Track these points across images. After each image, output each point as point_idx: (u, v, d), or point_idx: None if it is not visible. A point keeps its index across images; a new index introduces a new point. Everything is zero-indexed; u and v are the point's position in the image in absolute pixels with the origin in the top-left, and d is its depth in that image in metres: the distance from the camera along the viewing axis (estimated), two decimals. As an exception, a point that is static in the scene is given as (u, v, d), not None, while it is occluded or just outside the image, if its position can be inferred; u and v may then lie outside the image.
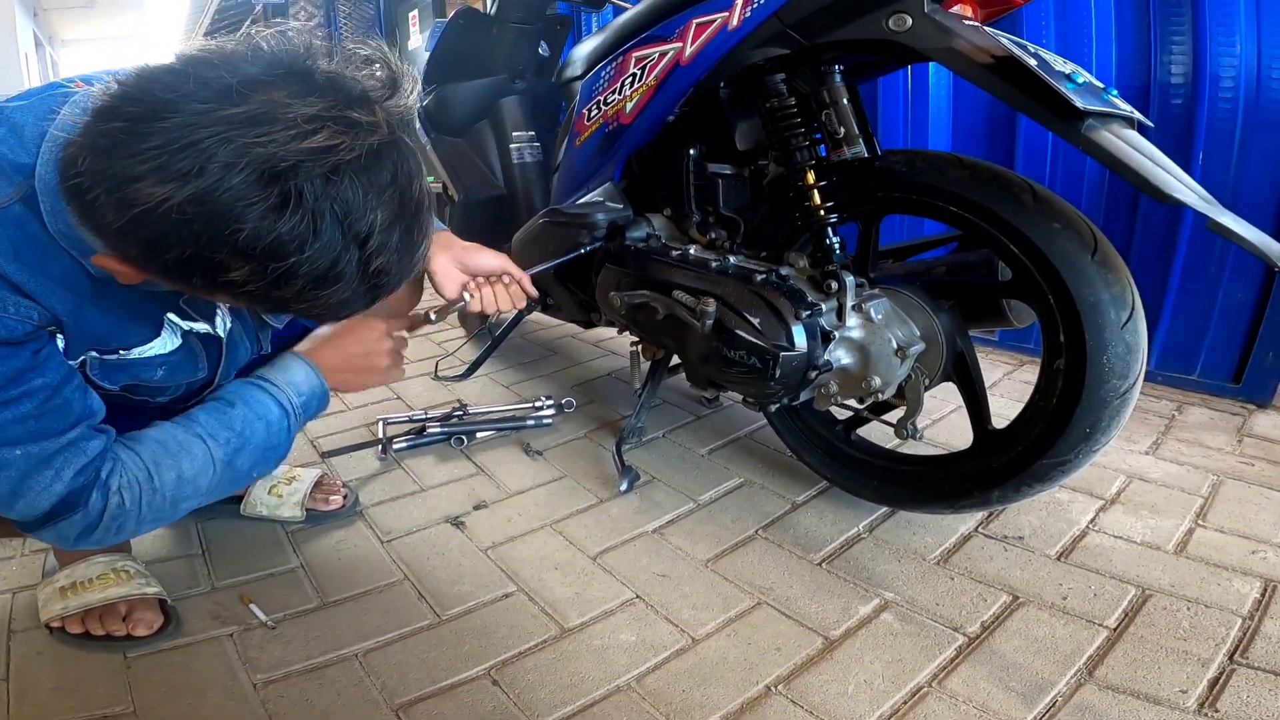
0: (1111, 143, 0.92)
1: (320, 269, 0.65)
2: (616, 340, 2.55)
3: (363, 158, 0.64)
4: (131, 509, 0.89)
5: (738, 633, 1.10)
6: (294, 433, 1.04)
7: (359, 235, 0.66)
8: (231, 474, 0.98)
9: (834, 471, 1.41)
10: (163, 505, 0.92)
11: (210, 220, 0.60)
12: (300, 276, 0.65)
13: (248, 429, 0.98)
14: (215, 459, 0.95)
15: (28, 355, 0.78)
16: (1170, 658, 1.02)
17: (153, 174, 0.59)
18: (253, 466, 1.00)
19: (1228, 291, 1.83)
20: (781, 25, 1.13)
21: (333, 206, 0.63)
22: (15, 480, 0.82)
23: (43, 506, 0.84)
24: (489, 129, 2.08)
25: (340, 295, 0.69)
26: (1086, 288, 1.03)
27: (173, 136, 0.58)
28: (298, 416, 1.03)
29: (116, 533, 0.90)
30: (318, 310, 0.72)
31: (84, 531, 0.87)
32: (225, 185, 0.59)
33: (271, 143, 0.59)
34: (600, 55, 1.52)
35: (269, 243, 0.62)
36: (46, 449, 0.82)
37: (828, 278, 1.18)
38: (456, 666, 1.04)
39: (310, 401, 1.05)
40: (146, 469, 0.90)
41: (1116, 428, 1.06)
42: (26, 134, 0.75)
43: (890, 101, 2.35)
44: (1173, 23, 1.78)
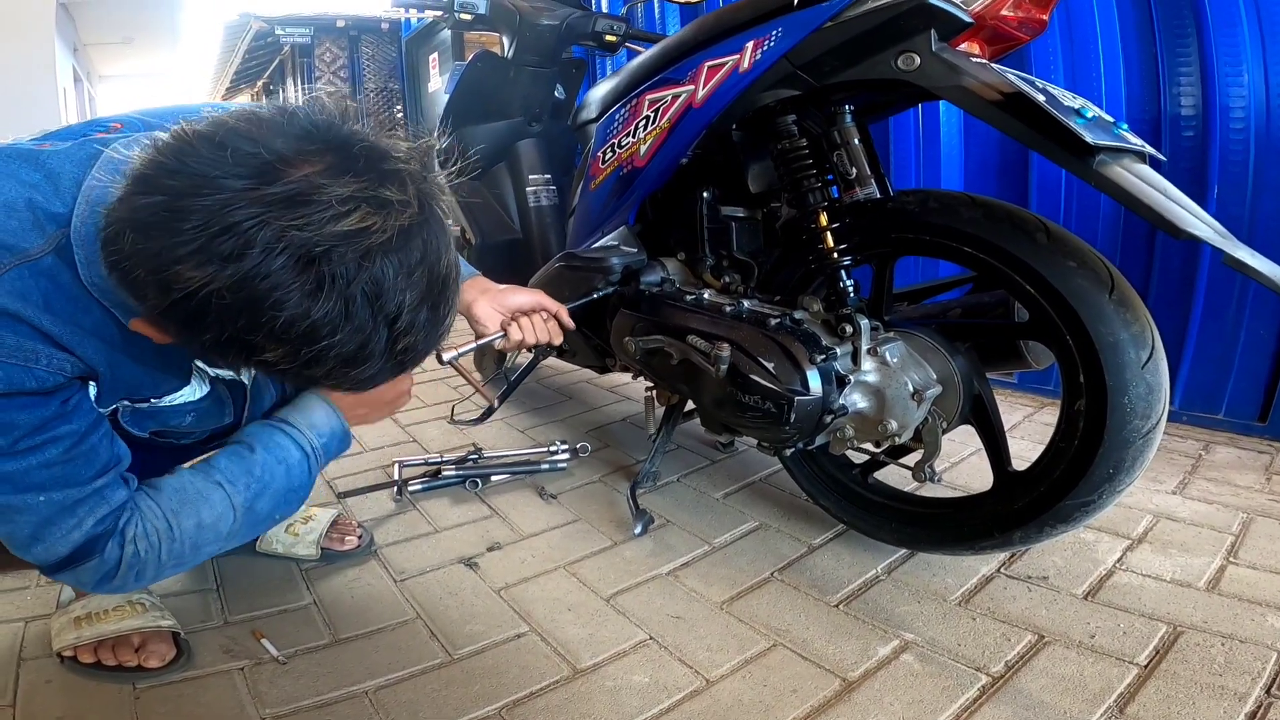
0: (1124, 178, 0.91)
1: (350, 350, 0.67)
2: (631, 385, 2.55)
3: (394, 238, 0.65)
4: (149, 557, 0.88)
5: (753, 674, 1.08)
6: (315, 474, 1.02)
7: (389, 316, 0.67)
8: (252, 518, 0.97)
9: (851, 515, 1.40)
10: (182, 552, 0.91)
11: (249, 304, 0.62)
12: (331, 358, 0.67)
13: (267, 474, 0.97)
14: (235, 505, 0.94)
15: (56, 404, 0.78)
16: (1205, 693, 0.99)
17: (194, 255, 0.60)
18: (274, 510, 0.99)
19: (1250, 329, 1.82)
20: (791, 67, 1.15)
21: (364, 289, 0.64)
22: (35, 525, 0.81)
23: (60, 552, 0.83)
24: (506, 171, 2.11)
25: (368, 372, 0.71)
26: (1105, 327, 1.02)
27: (213, 217, 0.59)
28: (318, 458, 1.02)
29: (137, 579, 0.89)
30: (345, 385, 0.75)
31: (103, 578, 0.87)
32: (264, 270, 0.60)
33: (308, 225, 0.60)
34: (614, 98, 1.55)
35: (304, 328, 0.64)
36: (71, 496, 0.82)
37: (842, 321, 1.18)
38: (467, 706, 1.03)
39: (331, 442, 1.03)
40: (166, 518, 0.90)
41: (1140, 468, 1.05)
42: (63, 183, 0.76)
43: (902, 140, 2.37)
44: (1179, 53, 1.80)
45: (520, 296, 1.30)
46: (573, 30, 1.97)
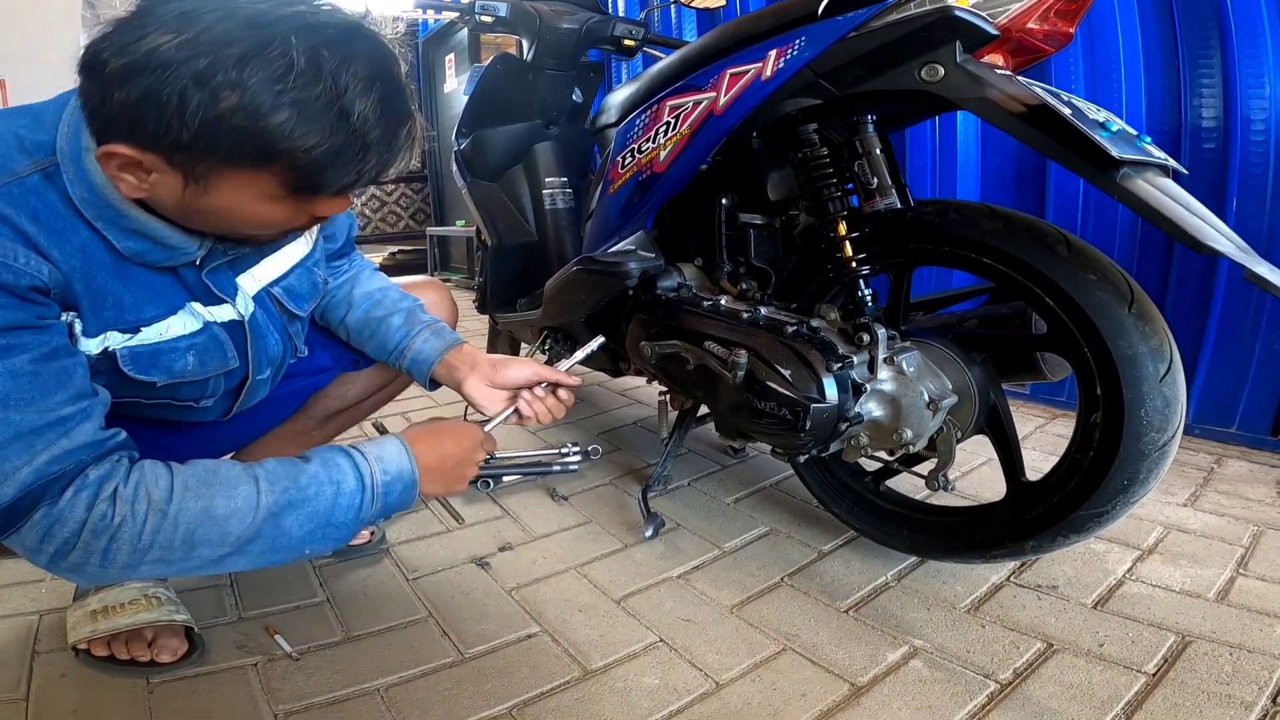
0: (1147, 191, 0.92)
1: (305, 101, 0.69)
2: (644, 389, 2.56)
3: (340, 26, 0.73)
4: (124, 527, 0.75)
5: (762, 678, 1.09)
6: (365, 516, 0.89)
7: (338, 81, 0.71)
8: (274, 532, 0.82)
9: (862, 521, 1.40)
10: (171, 539, 0.78)
11: (202, 54, 0.66)
12: (284, 107, 0.69)
13: (313, 487, 0.85)
14: (260, 505, 0.81)
15: (30, 313, 0.75)
16: (1212, 702, 0.99)
17: (154, 28, 0.67)
18: (305, 536, 0.85)
19: (1265, 343, 1.81)
20: (814, 76, 1.15)
21: (314, 50, 0.69)
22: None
23: (3, 496, 0.72)
24: (522, 174, 2.12)
25: (328, 142, 0.72)
26: (1124, 341, 1.02)
27: (174, 7, 0.68)
28: (376, 497, 0.89)
29: (103, 559, 0.76)
30: (310, 166, 0.73)
31: (56, 545, 0.74)
32: (216, 28, 0.67)
33: (259, 4, 0.69)
34: (635, 103, 1.56)
35: (254, 69, 0.67)
36: (29, 421, 0.73)
37: (859, 330, 1.19)
38: (478, 705, 1.03)
39: (395, 485, 0.91)
40: (171, 488, 0.78)
41: (1155, 480, 1.05)
42: (46, 118, 0.78)
43: (918, 150, 2.37)
44: (1202, 65, 1.80)
45: (515, 370, 1.19)
46: (592, 34, 1.98)
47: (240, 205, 0.77)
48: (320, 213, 0.82)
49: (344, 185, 0.77)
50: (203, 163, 0.72)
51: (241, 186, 0.75)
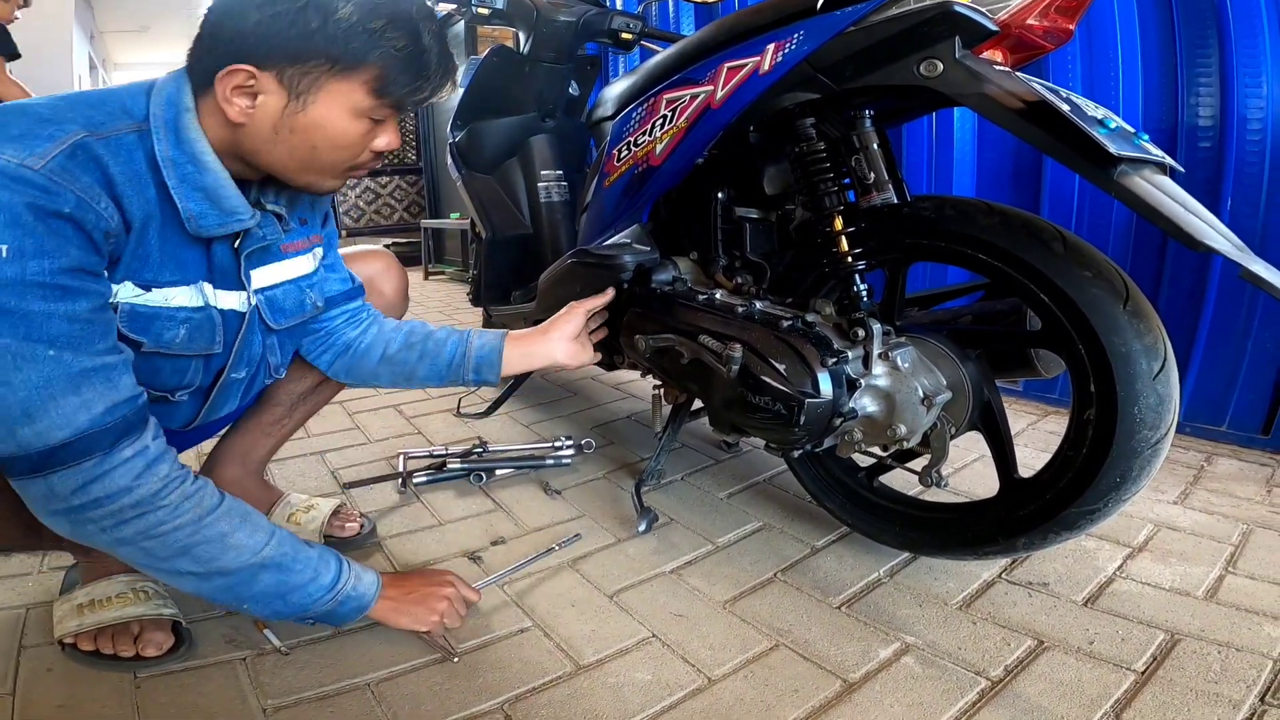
0: (1144, 189, 0.91)
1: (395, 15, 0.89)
2: (637, 383, 2.56)
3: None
4: (161, 513, 0.83)
5: (755, 674, 1.08)
6: (311, 609, 1.00)
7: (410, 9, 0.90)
8: (245, 579, 0.93)
9: (855, 517, 1.40)
10: (176, 542, 0.86)
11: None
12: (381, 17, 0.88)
13: (300, 565, 0.98)
14: (259, 554, 0.93)
15: (98, 261, 0.82)
16: (1200, 700, 0.99)
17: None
18: (262, 594, 0.96)
19: (1258, 342, 1.82)
20: (812, 70, 1.14)
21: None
22: (35, 389, 0.76)
23: (54, 438, 0.77)
24: (518, 167, 2.11)
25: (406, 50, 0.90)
26: (1118, 338, 1.02)
27: None
28: (335, 599, 1.02)
29: (115, 523, 0.82)
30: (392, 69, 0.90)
31: (81, 491, 0.79)
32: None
33: None
34: (631, 96, 1.55)
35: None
36: (80, 364, 0.79)
37: (854, 325, 1.18)
38: (469, 700, 1.03)
39: (350, 601, 1.04)
40: (219, 505, 0.90)
41: (1147, 478, 1.05)
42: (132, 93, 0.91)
43: (914, 146, 2.37)
44: (1199, 64, 1.80)
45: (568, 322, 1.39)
46: (589, 27, 1.97)
47: (329, 119, 0.92)
48: (379, 145, 0.98)
49: (410, 94, 0.94)
50: (309, 74, 0.88)
51: (336, 96, 0.90)
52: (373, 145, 0.98)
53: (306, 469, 1.82)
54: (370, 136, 0.97)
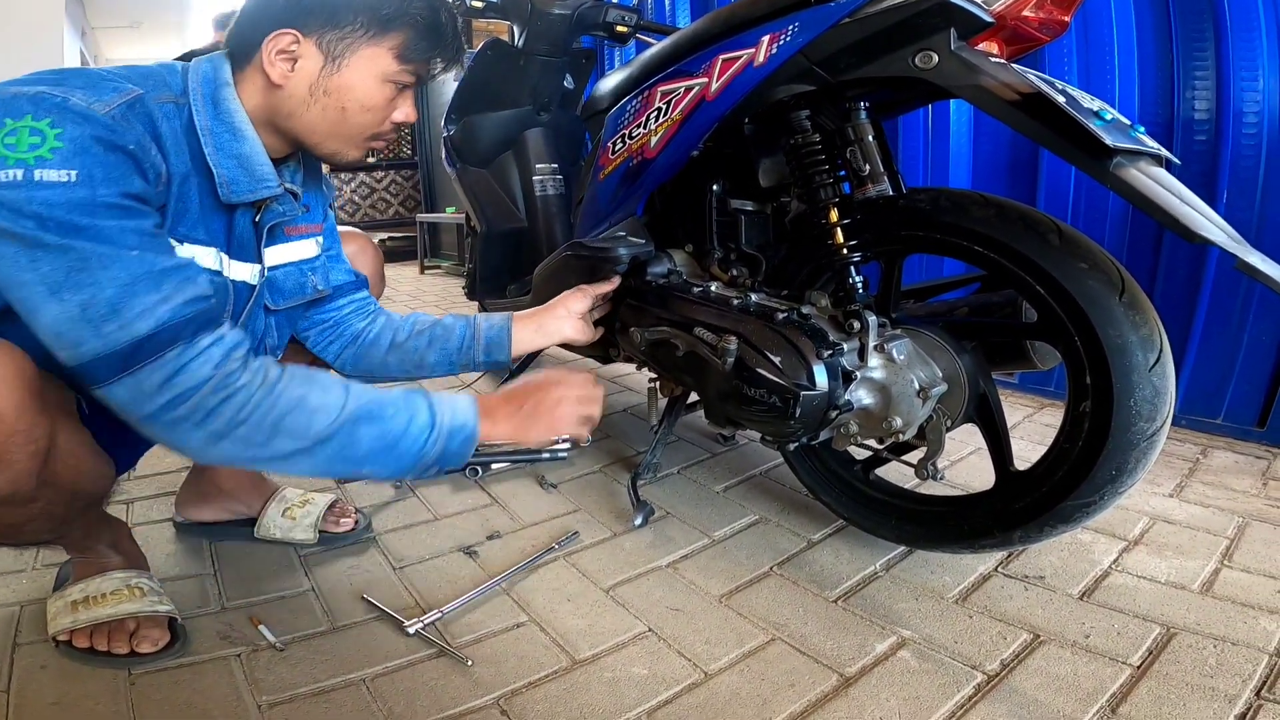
0: (1140, 181, 0.91)
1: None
2: (633, 376, 2.55)
3: None
4: (240, 393, 0.84)
5: (751, 668, 1.08)
6: (427, 452, 0.96)
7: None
8: (348, 438, 0.91)
9: (852, 511, 1.40)
10: (264, 418, 0.86)
11: None
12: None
13: (392, 409, 0.95)
14: (345, 409, 0.91)
15: (153, 193, 0.88)
16: (1196, 694, 0.99)
17: None
18: (371, 452, 0.93)
19: (1253, 333, 1.82)
20: (807, 62, 1.14)
21: None
22: (121, 286, 0.79)
23: (139, 330, 0.79)
24: (513, 160, 2.10)
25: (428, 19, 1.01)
26: (1114, 330, 1.02)
27: None
28: (440, 438, 0.97)
29: (204, 417, 0.83)
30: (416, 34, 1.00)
31: (169, 385, 0.81)
32: None
33: None
34: (626, 89, 1.54)
35: None
36: (160, 263, 0.83)
37: (850, 317, 1.18)
38: (465, 695, 1.03)
39: (458, 433, 0.99)
40: (282, 373, 0.89)
41: (1143, 470, 1.05)
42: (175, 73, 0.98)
43: (910, 138, 2.36)
44: (1196, 57, 1.79)
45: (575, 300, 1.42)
46: (584, 20, 1.96)
47: (360, 82, 1.00)
48: (398, 116, 1.06)
49: (428, 61, 1.04)
50: (345, 39, 0.98)
51: (366, 60, 0.99)
52: (393, 116, 1.06)
53: (301, 464, 1.81)
54: (391, 106, 1.05)
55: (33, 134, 0.77)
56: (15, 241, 0.76)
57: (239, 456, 0.88)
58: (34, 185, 0.76)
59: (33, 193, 0.76)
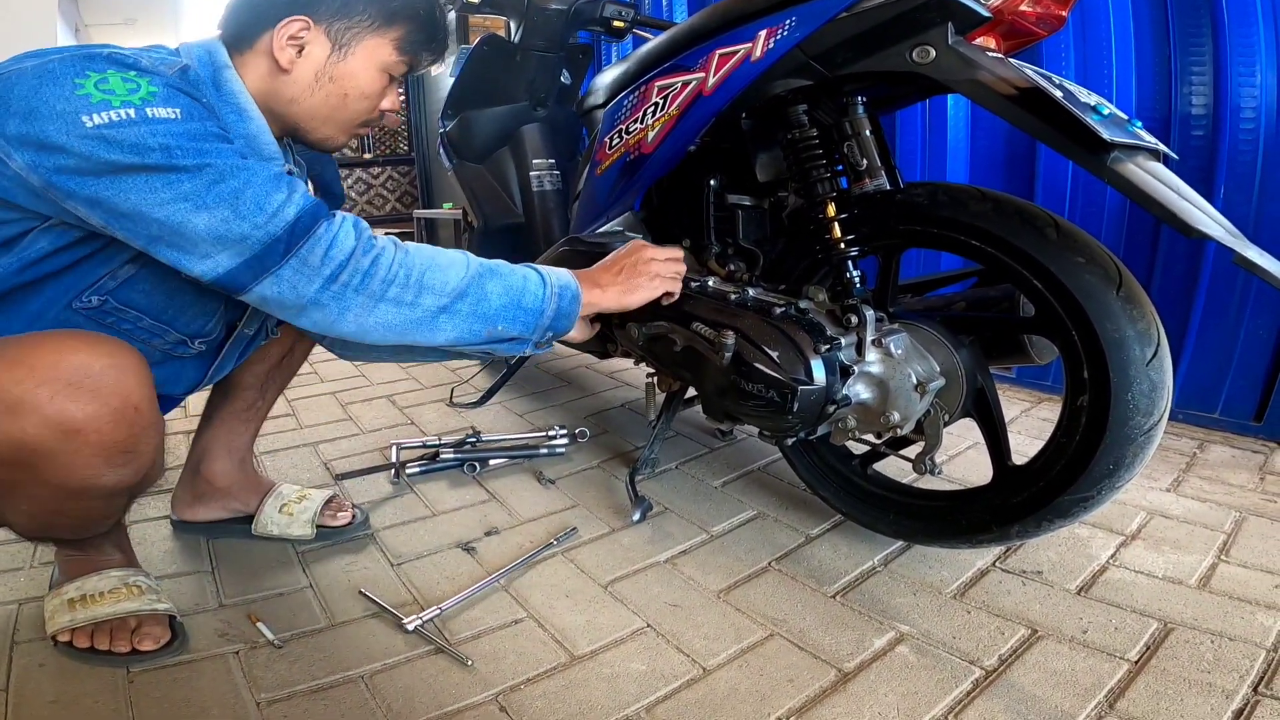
0: (1137, 175, 0.91)
1: None
2: (631, 371, 2.55)
3: None
4: (384, 254, 0.94)
5: (750, 664, 1.08)
6: (545, 308, 1.06)
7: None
8: (479, 293, 1.00)
9: (850, 506, 1.40)
10: (409, 274, 0.95)
11: None
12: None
13: (507, 269, 1.05)
14: (470, 266, 1.01)
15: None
16: (1193, 690, 1.00)
17: None
18: (501, 309, 1.02)
19: (1250, 328, 1.82)
20: (804, 57, 1.14)
21: None
22: (258, 187, 0.87)
23: (290, 214, 0.88)
24: (509, 156, 2.09)
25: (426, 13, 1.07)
26: (1111, 324, 1.01)
27: None
28: (553, 295, 1.07)
29: (362, 279, 0.92)
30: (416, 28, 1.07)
31: (328, 258, 0.90)
32: None
33: None
34: (623, 84, 1.54)
35: None
36: (274, 168, 0.91)
37: (847, 312, 1.18)
38: (463, 692, 1.03)
39: (566, 290, 1.09)
40: (397, 242, 0.98)
41: (1140, 465, 1.05)
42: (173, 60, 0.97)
43: (908, 132, 2.36)
44: (1193, 52, 1.79)
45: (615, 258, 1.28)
46: (580, 15, 1.95)
47: (362, 70, 1.06)
48: (386, 104, 1.12)
49: (424, 54, 1.10)
50: (353, 29, 1.03)
51: (370, 50, 1.05)
52: (382, 105, 1.12)
53: (299, 460, 1.81)
54: (385, 93, 1.11)
55: (125, 81, 0.83)
56: (146, 172, 0.82)
57: (394, 322, 0.96)
58: (149, 121, 0.82)
59: (152, 127, 0.82)
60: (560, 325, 1.09)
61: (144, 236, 0.86)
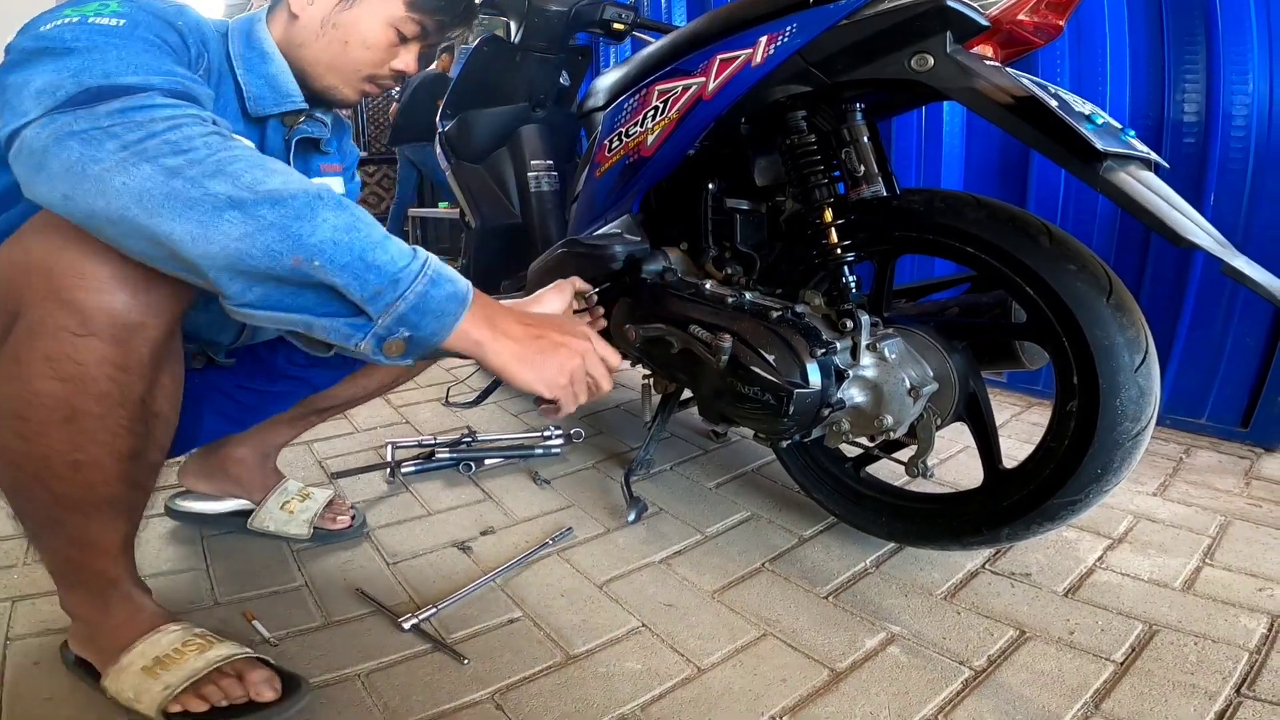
0: (1129, 185, 0.92)
1: None
2: (626, 373, 2.56)
3: None
4: (194, 126, 0.73)
5: (743, 663, 1.09)
6: (406, 281, 0.75)
7: None
8: (303, 211, 0.71)
9: (842, 508, 1.41)
10: (209, 156, 0.70)
11: None
12: None
13: (368, 218, 0.76)
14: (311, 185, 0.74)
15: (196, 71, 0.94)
16: (1177, 691, 1.01)
17: None
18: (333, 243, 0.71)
19: (1237, 336, 1.85)
20: (804, 63, 1.15)
21: None
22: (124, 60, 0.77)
23: (121, 80, 0.74)
24: (508, 156, 2.10)
25: None
26: (1101, 331, 1.03)
27: None
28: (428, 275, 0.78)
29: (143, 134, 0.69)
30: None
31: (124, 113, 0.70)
32: None
33: None
34: (623, 87, 1.55)
35: None
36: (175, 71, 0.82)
37: (843, 316, 1.19)
38: (460, 690, 1.03)
39: (447, 284, 0.80)
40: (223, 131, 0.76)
41: (1128, 469, 1.06)
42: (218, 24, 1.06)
43: (904, 139, 2.37)
44: (1186, 60, 1.81)
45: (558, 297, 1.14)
46: (581, 17, 1.96)
47: (366, 19, 1.07)
48: (397, 64, 1.12)
49: (434, 14, 1.09)
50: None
51: (378, 3, 1.07)
52: (393, 63, 1.12)
53: (294, 458, 1.81)
54: (393, 52, 1.11)
55: (100, 3, 0.83)
56: (47, 55, 0.76)
57: (149, 189, 0.68)
58: (86, 26, 0.79)
59: (82, 28, 0.79)
60: (423, 324, 0.77)
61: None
